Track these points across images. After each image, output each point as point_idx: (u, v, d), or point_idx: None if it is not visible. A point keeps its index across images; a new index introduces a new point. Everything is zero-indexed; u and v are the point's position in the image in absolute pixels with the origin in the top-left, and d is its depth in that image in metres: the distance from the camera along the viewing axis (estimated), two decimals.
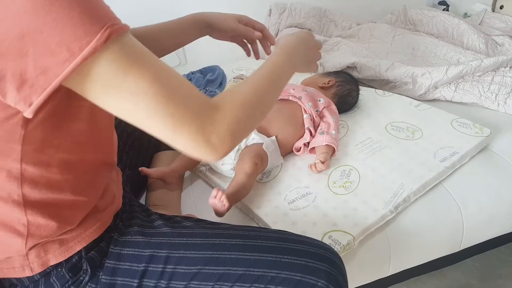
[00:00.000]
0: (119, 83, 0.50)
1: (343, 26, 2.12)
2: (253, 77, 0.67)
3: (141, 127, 0.53)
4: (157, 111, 0.51)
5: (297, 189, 0.97)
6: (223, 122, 0.55)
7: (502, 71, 1.36)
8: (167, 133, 0.52)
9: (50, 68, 0.47)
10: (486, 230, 1.04)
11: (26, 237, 0.60)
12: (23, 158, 0.56)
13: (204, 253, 0.66)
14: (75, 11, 0.47)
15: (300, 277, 0.62)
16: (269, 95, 0.67)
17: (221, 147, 0.55)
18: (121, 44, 0.51)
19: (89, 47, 0.47)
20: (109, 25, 0.49)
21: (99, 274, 0.66)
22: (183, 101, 0.53)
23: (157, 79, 0.51)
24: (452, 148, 1.05)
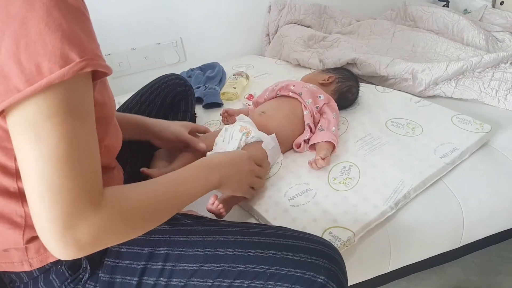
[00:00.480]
0: (36, 121, 0.47)
1: (343, 23, 2.11)
2: (155, 184, 0.63)
3: (21, 172, 0.49)
4: (42, 170, 0.47)
5: (297, 186, 0.97)
6: (91, 226, 0.49)
7: (502, 67, 1.35)
8: (34, 195, 0.48)
9: (13, 81, 0.46)
10: (486, 226, 1.04)
11: (23, 228, 0.60)
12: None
13: (203, 250, 0.66)
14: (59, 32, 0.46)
15: (300, 273, 0.62)
16: (163, 210, 0.62)
17: (71, 249, 0.49)
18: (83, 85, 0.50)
19: (59, 72, 0.46)
20: (88, 58, 0.48)
21: (99, 272, 0.66)
22: (73, 178, 0.48)
23: (69, 143, 0.48)
24: (452, 144, 1.05)
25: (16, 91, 0.46)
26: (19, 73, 0.46)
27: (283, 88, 1.18)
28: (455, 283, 1.23)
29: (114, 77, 1.85)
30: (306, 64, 1.67)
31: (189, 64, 1.85)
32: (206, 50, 1.98)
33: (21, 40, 0.45)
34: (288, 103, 1.13)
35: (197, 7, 1.87)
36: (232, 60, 1.87)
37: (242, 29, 2.03)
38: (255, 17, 2.05)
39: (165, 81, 1.13)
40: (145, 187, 0.61)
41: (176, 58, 1.92)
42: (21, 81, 0.46)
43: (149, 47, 1.85)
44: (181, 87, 1.14)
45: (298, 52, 1.74)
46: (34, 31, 0.45)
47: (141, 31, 1.81)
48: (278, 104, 1.15)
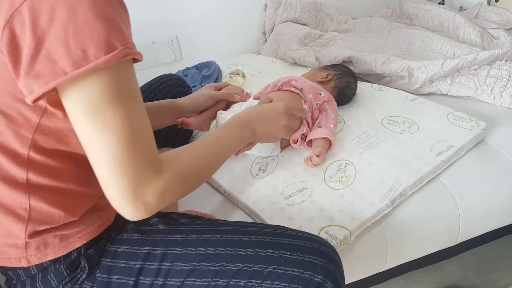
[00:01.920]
0: (101, 108, 0.51)
1: (339, 21, 2.11)
2: (201, 145, 0.70)
3: (89, 154, 0.55)
4: (113, 150, 0.53)
5: (294, 184, 0.97)
6: (156, 191, 0.56)
7: (497, 64, 1.35)
8: (106, 172, 0.54)
9: (60, 64, 0.49)
10: (482, 223, 1.04)
11: (26, 222, 0.60)
12: (31, 146, 0.58)
13: (200, 250, 0.66)
14: (105, 21, 0.49)
15: (297, 272, 0.62)
16: (210, 168, 0.71)
17: (141, 213, 0.56)
18: (128, 70, 0.54)
19: (105, 58, 0.49)
20: (128, 47, 0.52)
21: (96, 272, 0.66)
22: (138, 153, 0.55)
23: (131, 123, 0.54)
24: (448, 142, 1.05)
25: (62, 74, 0.48)
26: (66, 57, 0.48)
27: (285, 83, 1.19)
28: (451, 281, 1.23)
29: None
30: (302, 62, 1.67)
31: (185, 63, 1.84)
32: (202, 49, 1.97)
33: (69, 26, 0.48)
34: (291, 97, 1.13)
35: (193, 6, 1.86)
36: (228, 59, 1.86)
37: (238, 28, 2.03)
38: (251, 16, 2.04)
39: (164, 81, 1.12)
40: (192, 149, 0.68)
41: (172, 57, 1.92)
42: (68, 64, 0.48)
43: (144, 45, 1.85)
44: (180, 87, 1.14)
45: (294, 50, 1.73)
46: (82, 18, 0.48)
47: (136, 29, 1.77)
48: (280, 96, 1.15)
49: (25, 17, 0.47)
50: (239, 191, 0.98)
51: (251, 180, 1.01)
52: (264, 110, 0.86)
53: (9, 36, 0.49)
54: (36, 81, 0.49)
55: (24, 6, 0.47)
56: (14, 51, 0.49)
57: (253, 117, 0.82)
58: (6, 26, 0.48)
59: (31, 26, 0.47)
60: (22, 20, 0.48)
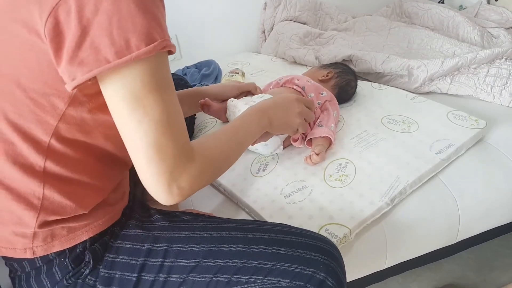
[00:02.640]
0: (141, 96, 0.54)
1: (339, 19, 2.11)
2: (225, 133, 0.73)
3: (126, 142, 0.57)
4: (151, 137, 0.55)
5: (293, 183, 0.97)
6: (190, 176, 0.59)
7: (497, 63, 1.35)
8: (143, 159, 0.56)
9: (103, 52, 0.51)
10: (482, 222, 1.04)
11: (38, 211, 0.61)
12: (54, 134, 0.59)
13: (203, 246, 0.66)
14: (147, 14, 0.52)
15: (299, 269, 0.63)
16: (234, 154, 0.74)
17: (175, 197, 0.59)
18: (165, 61, 0.56)
19: (146, 48, 0.51)
20: (166, 39, 0.54)
21: (99, 267, 0.67)
22: (174, 139, 0.57)
23: (169, 110, 0.56)
24: (448, 140, 1.05)
25: (105, 62, 0.51)
26: (110, 46, 0.50)
27: (288, 81, 1.19)
28: (451, 279, 1.23)
29: None
30: (302, 61, 1.67)
31: (185, 62, 1.84)
32: (201, 48, 1.97)
33: (113, 17, 0.50)
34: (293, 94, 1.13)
35: (193, 4, 1.86)
36: (227, 58, 1.86)
37: (237, 26, 2.02)
38: (251, 14, 2.04)
39: None
40: (216, 137, 0.70)
41: (172, 56, 1.91)
42: (111, 53, 0.50)
43: None
44: (183, 87, 1.15)
45: (294, 49, 1.73)
46: (125, 10, 0.50)
47: None
48: (285, 91, 1.15)
49: (71, 6, 0.49)
50: (239, 189, 0.98)
51: (251, 178, 1.01)
52: (278, 99, 0.88)
53: (53, 24, 0.50)
54: (79, 68, 0.51)
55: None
56: (57, 38, 0.51)
57: (269, 106, 0.84)
58: (51, 14, 0.50)
59: (77, 15, 0.49)
60: (67, 9, 0.49)
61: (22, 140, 0.59)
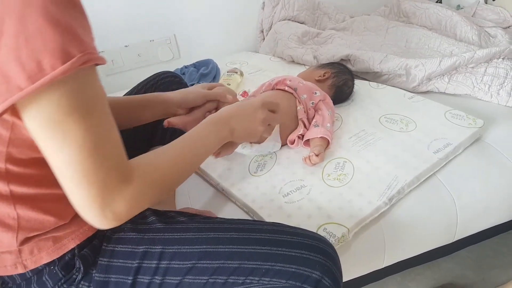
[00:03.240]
0: (60, 120, 0.48)
1: (337, 19, 2.11)
2: (175, 147, 0.67)
3: (53, 169, 0.52)
4: (75, 162, 0.50)
5: (292, 182, 0.97)
6: (127, 199, 0.55)
7: (495, 62, 1.36)
8: (71, 184, 0.52)
9: (14, 79, 0.46)
10: (480, 220, 1.04)
11: (16, 231, 0.59)
12: (7, 159, 0.56)
13: (198, 248, 0.66)
14: (59, 28, 0.46)
15: (295, 269, 0.62)
16: (186, 170, 0.68)
17: (111, 222, 0.55)
18: (89, 77, 0.51)
19: (62, 68, 0.46)
20: (89, 52, 0.48)
21: (92, 272, 0.66)
22: (104, 162, 0.52)
23: (95, 131, 0.51)
24: (445, 140, 1.05)
25: (18, 90, 0.45)
26: (20, 71, 0.45)
27: (279, 82, 1.19)
28: (449, 278, 1.23)
29: (108, 74, 1.84)
30: (300, 60, 1.67)
31: (183, 61, 1.84)
32: (200, 47, 1.97)
33: (20, 37, 0.44)
34: (285, 96, 1.13)
35: (191, 4, 1.86)
36: (226, 57, 1.86)
37: (236, 26, 2.02)
38: (249, 14, 2.04)
39: (160, 78, 1.11)
40: (166, 152, 0.65)
41: (170, 55, 1.92)
42: (22, 79, 0.45)
43: (142, 44, 1.84)
44: (177, 84, 1.13)
45: (292, 48, 1.74)
46: (33, 27, 0.44)
47: (134, 28, 1.80)
48: (275, 95, 1.16)
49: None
50: (238, 189, 0.98)
51: (249, 178, 1.01)
52: (241, 106, 0.82)
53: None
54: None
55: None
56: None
57: (230, 114, 0.78)
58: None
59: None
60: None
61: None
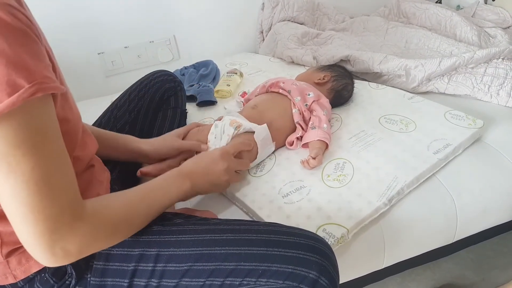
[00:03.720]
0: (6, 153, 0.47)
1: (336, 19, 2.11)
2: (132, 193, 0.66)
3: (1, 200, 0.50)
4: (22, 197, 0.48)
5: (291, 183, 0.97)
6: (78, 237, 0.53)
7: (494, 62, 1.36)
8: (16, 219, 0.50)
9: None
10: (480, 221, 1.04)
11: (0, 245, 0.59)
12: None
13: (194, 250, 0.66)
14: (3, 59, 0.44)
15: (292, 269, 0.62)
16: (141, 218, 0.67)
17: (60, 259, 0.53)
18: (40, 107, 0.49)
19: (8, 101, 0.45)
20: (38, 82, 0.47)
21: (87, 277, 0.66)
22: (54, 198, 0.51)
23: (44, 165, 0.49)
24: (445, 140, 1.05)
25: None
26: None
27: (273, 84, 1.18)
28: (449, 279, 1.23)
29: (107, 75, 1.84)
30: (300, 61, 1.67)
31: (183, 62, 1.84)
32: (199, 48, 1.97)
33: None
34: (279, 99, 1.13)
35: (190, 5, 1.86)
36: (226, 58, 1.86)
37: (235, 27, 2.03)
38: (249, 14, 2.04)
39: (154, 77, 1.11)
40: (122, 197, 0.64)
41: (170, 56, 1.92)
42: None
43: (142, 45, 1.84)
44: (170, 83, 1.12)
45: (292, 49, 1.73)
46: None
47: (134, 29, 1.80)
48: (269, 99, 1.16)
49: None
50: (237, 189, 0.98)
51: (249, 178, 1.01)
52: (200, 160, 0.83)
53: None
54: None
55: None
56: None
57: (190, 170, 0.78)
58: None
59: None
60: None
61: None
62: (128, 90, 1.09)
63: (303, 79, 1.27)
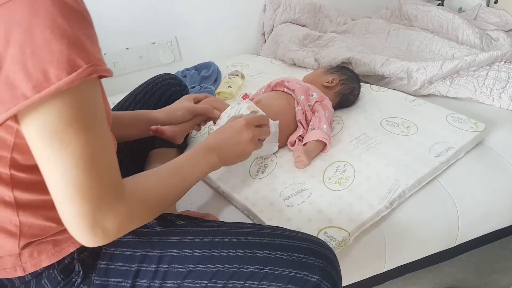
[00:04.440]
0: (59, 131, 0.48)
1: (338, 22, 2.11)
2: (164, 170, 0.68)
3: (46, 180, 0.52)
4: (71, 175, 0.50)
5: (292, 186, 0.97)
6: (118, 218, 0.54)
7: (496, 65, 1.35)
8: (63, 197, 0.51)
9: (20, 88, 0.46)
10: (481, 225, 1.04)
11: (18, 237, 0.60)
12: (11, 165, 0.56)
13: (197, 252, 0.66)
14: (65, 39, 0.47)
15: (294, 273, 0.62)
16: (174, 194, 0.68)
17: (100, 240, 0.54)
18: (93, 89, 0.51)
19: (67, 78, 0.47)
20: (95, 63, 0.49)
21: (92, 276, 0.66)
22: (99, 177, 0.52)
23: (93, 144, 0.51)
24: (447, 143, 1.05)
25: (23, 98, 0.46)
26: (26, 80, 0.46)
27: (278, 84, 1.19)
28: (451, 282, 1.23)
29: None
30: (302, 63, 1.67)
31: (184, 64, 1.84)
32: (201, 50, 1.97)
33: (27, 48, 0.45)
34: (283, 97, 1.14)
35: (192, 6, 1.86)
36: (227, 60, 1.87)
37: (237, 28, 2.03)
38: (250, 16, 2.04)
39: (160, 81, 1.12)
40: (155, 176, 0.66)
41: (171, 58, 1.92)
42: (28, 88, 0.46)
43: (144, 46, 1.85)
44: (176, 87, 1.14)
45: (294, 51, 1.73)
46: (40, 38, 0.45)
47: (136, 30, 1.80)
48: (273, 95, 1.16)
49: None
50: (238, 191, 0.98)
51: (250, 181, 1.00)
52: (225, 132, 0.83)
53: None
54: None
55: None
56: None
57: (217, 143, 0.79)
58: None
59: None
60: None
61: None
62: (134, 92, 1.10)
63: (311, 80, 1.26)
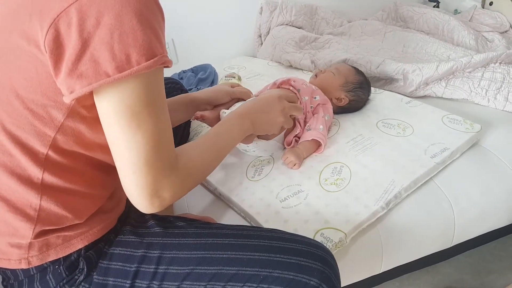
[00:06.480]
0: (137, 110, 0.55)
1: (334, 24, 2.12)
2: (204, 141, 0.74)
3: (115, 153, 0.58)
4: (142, 151, 0.56)
5: (289, 187, 0.97)
6: (173, 187, 0.61)
7: (492, 67, 1.36)
8: (130, 169, 0.57)
9: (103, 66, 0.51)
10: (477, 225, 1.04)
11: (35, 222, 0.61)
12: (51, 145, 0.59)
13: (196, 253, 0.66)
14: (148, 29, 0.52)
15: (293, 276, 0.62)
16: (214, 162, 0.76)
17: (156, 207, 0.61)
18: (161, 76, 0.58)
19: (146, 63, 0.52)
20: (165, 54, 0.56)
21: (93, 274, 0.66)
22: (162, 152, 0.59)
23: (160, 124, 0.58)
24: (443, 144, 1.05)
25: (105, 76, 0.51)
26: (110, 60, 0.51)
27: (284, 82, 1.18)
28: (447, 283, 1.23)
29: None
30: (298, 65, 1.67)
31: (181, 66, 1.84)
32: (198, 52, 1.97)
33: (115, 31, 0.50)
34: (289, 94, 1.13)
35: (189, 8, 1.86)
36: (224, 62, 1.87)
37: (234, 30, 2.03)
38: (247, 18, 2.05)
39: None
40: (198, 148, 0.72)
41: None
42: (111, 67, 0.51)
43: None
44: (178, 91, 1.14)
45: (290, 53, 1.74)
46: (127, 25, 0.51)
47: None
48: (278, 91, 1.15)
49: (72, 18, 0.50)
50: (235, 194, 0.98)
51: (247, 183, 1.00)
52: (259, 100, 0.88)
53: (54, 35, 0.50)
54: (79, 81, 0.52)
55: (72, 8, 0.50)
56: (57, 50, 0.51)
57: (250, 109, 0.85)
58: (52, 26, 0.50)
59: (78, 28, 0.50)
60: (68, 21, 0.50)
61: (20, 151, 0.58)
62: None
63: (322, 85, 1.21)
